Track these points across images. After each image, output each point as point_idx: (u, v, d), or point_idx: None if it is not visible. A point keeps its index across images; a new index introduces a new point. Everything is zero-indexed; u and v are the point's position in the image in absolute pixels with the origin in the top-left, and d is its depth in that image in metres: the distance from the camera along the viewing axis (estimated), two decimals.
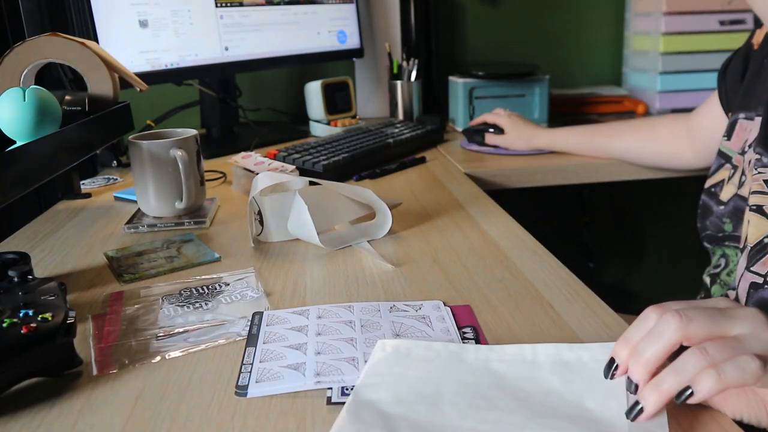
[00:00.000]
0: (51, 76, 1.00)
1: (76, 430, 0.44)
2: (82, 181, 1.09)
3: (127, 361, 0.52)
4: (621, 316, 0.58)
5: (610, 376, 0.43)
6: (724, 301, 0.43)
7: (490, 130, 1.28)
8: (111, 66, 0.87)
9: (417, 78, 1.47)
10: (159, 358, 0.53)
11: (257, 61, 1.34)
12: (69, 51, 0.84)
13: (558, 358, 0.48)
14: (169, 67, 1.19)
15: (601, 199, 1.77)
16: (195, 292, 0.64)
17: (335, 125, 1.37)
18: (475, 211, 0.88)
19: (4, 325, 0.47)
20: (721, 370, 0.38)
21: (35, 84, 0.82)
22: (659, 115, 1.39)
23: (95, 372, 0.51)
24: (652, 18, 1.52)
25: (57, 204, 1.00)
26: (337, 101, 1.41)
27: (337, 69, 1.60)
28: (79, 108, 0.82)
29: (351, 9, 1.51)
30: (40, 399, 0.47)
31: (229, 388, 0.48)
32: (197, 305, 0.62)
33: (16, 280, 0.57)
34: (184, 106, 1.36)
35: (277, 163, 1.02)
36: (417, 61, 1.47)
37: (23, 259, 0.63)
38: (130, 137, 0.86)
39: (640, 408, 0.40)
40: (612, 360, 0.43)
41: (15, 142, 0.71)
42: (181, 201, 0.85)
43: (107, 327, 0.58)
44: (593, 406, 0.43)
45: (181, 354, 0.53)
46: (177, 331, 0.57)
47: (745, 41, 0.86)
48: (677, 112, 1.14)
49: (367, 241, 0.77)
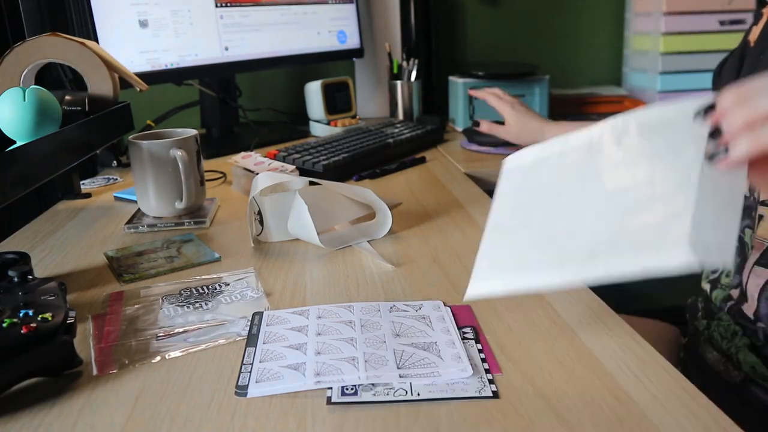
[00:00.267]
0: (51, 76, 1.00)
1: (76, 430, 0.44)
2: (82, 181, 1.09)
3: (127, 361, 0.52)
4: (621, 316, 0.58)
5: (702, 117, 0.40)
6: None
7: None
8: (111, 66, 0.87)
9: (417, 78, 1.47)
10: (159, 358, 0.53)
11: (257, 61, 1.34)
12: (69, 51, 0.84)
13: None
14: (169, 67, 1.19)
15: None
16: (195, 292, 0.64)
17: (335, 125, 1.37)
18: (475, 211, 0.88)
19: (4, 325, 0.47)
20: None
21: (35, 84, 0.82)
22: None
23: (95, 372, 0.51)
24: (652, 18, 1.52)
25: (57, 204, 1.00)
26: (337, 101, 1.41)
27: (337, 69, 1.60)
28: (79, 108, 0.82)
29: (351, 9, 1.51)
30: (40, 399, 0.47)
31: (229, 388, 0.48)
32: (197, 305, 0.62)
33: (16, 280, 0.57)
34: (184, 106, 1.36)
35: (277, 163, 1.02)
36: (417, 61, 1.47)
37: (23, 259, 0.63)
38: (130, 137, 0.86)
39: (725, 152, 0.38)
40: (711, 105, 0.40)
41: (15, 142, 0.71)
42: (181, 201, 0.85)
43: (107, 327, 0.58)
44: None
45: (181, 354, 0.53)
46: (177, 331, 0.57)
47: (741, 40, 0.85)
48: None
49: (367, 241, 0.77)
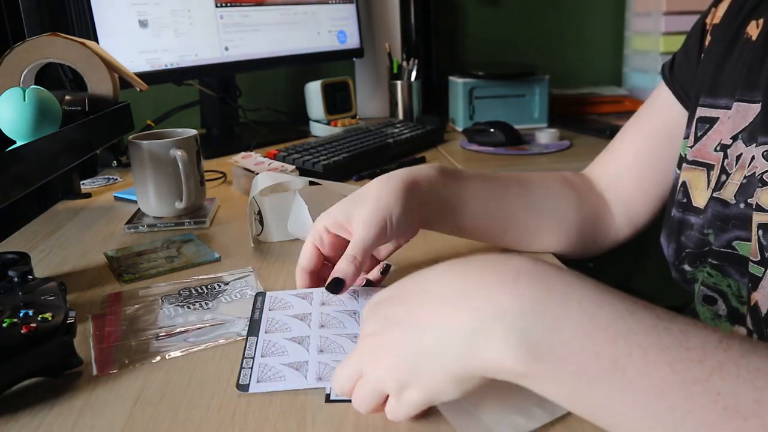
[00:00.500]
0: (51, 76, 1.00)
1: (75, 430, 0.44)
2: (82, 181, 1.09)
3: (127, 361, 0.52)
4: None
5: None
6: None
7: (491, 130, 1.28)
8: (111, 66, 0.87)
9: (417, 78, 1.47)
10: (159, 358, 0.52)
11: (257, 61, 1.34)
12: (69, 51, 0.84)
13: None
14: (169, 67, 1.19)
15: None
16: (195, 292, 0.64)
17: (335, 125, 1.37)
18: None
19: (4, 325, 0.47)
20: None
21: (35, 84, 0.82)
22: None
23: (95, 372, 0.51)
24: (652, 18, 1.52)
25: (57, 204, 1.00)
26: (337, 101, 1.41)
27: (337, 69, 1.60)
28: (79, 108, 0.82)
29: (351, 9, 1.51)
30: (40, 399, 0.47)
31: (229, 388, 0.48)
32: (197, 305, 0.62)
33: (16, 280, 0.57)
34: (184, 106, 1.36)
35: (277, 163, 1.02)
36: (417, 61, 1.47)
37: (23, 259, 0.63)
38: (130, 137, 0.86)
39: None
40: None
41: (15, 142, 0.71)
42: (181, 201, 0.85)
43: (107, 327, 0.58)
44: None
45: (181, 354, 0.53)
46: (177, 331, 0.57)
47: (694, 25, 0.73)
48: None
49: None
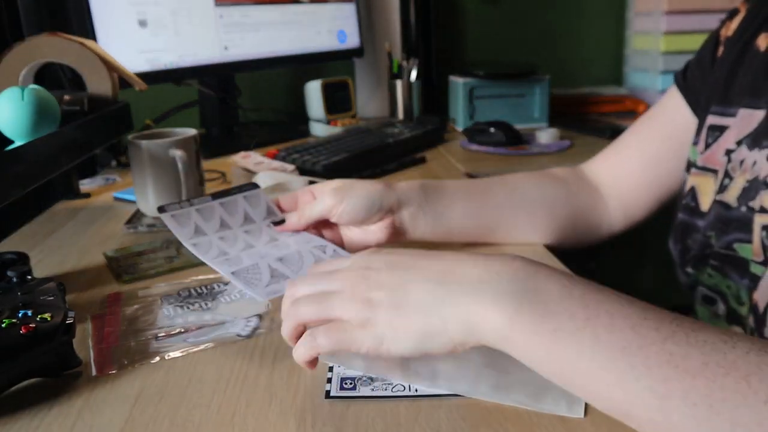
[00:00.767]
0: (50, 76, 1.00)
1: (75, 431, 0.44)
2: (81, 181, 1.08)
3: (126, 362, 0.52)
4: None
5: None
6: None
7: (491, 130, 1.28)
8: (110, 66, 0.86)
9: (417, 78, 1.47)
10: (158, 359, 0.52)
11: (257, 61, 1.34)
12: (68, 50, 0.83)
13: None
14: (169, 66, 1.19)
15: None
16: (194, 293, 0.64)
17: (335, 125, 1.37)
18: None
19: (3, 325, 0.47)
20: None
21: (34, 83, 0.82)
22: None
23: (94, 372, 0.51)
24: (653, 17, 1.52)
25: (56, 204, 0.99)
26: (337, 101, 1.41)
27: (337, 69, 1.60)
28: (78, 108, 0.82)
29: (351, 8, 1.51)
30: (39, 399, 0.47)
31: (229, 388, 0.48)
32: (196, 305, 0.61)
33: (15, 280, 0.57)
34: (183, 106, 1.36)
35: (277, 163, 1.02)
36: (417, 60, 1.47)
37: (22, 259, 0.63)
38: (130, 137, 0.85)
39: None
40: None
41: (13, 142, 0.71)
42: None
43: (107, 328, 0.58)
44: None
45: (180, 354, 0.53)
46: (176, 331, 0.57)
47: (708, 36, 0.76)
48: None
49: None
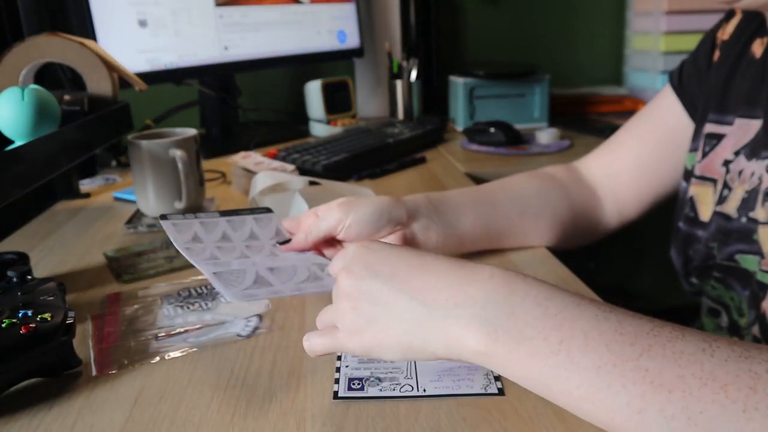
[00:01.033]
0: (50, 76, 1.00)
1: (75, 431, 0.44)
2: (81, 181, 1.08)
3: (126, 362, 0.52)
4: None
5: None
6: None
7: (491, 130, 1.28)
8: (110, 65, 0.86)
9: (417, 78, 1.47)
10: (158, 359, 0.52)
11: (257, 61, 1.34)
12: (68, 50, 0.83)
13: None
14: (169, 66, 1.19)
15: None
16: (194, 293, 0.64)
17: (335, 125, 1.37)
18: None
19: (3, 325, 0.47)
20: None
21: (34, 83, 0.82)
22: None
23: (94, 372, 0.51)
24: (653, 17, 1.52)
25: (56, 204, 0.99)
26: (337, 101, 1.41)
27: (337, 69, 1.60)
28: (78, 108, 0.82)
29: (351, 8, 1.51)
30: (39, 399, 0.47)
31: (229, 388, 0.48)
32: (196, 305, 0.61)
33: (15, 280, 0.57)
34: (183, 106, 1.36)
35: (277, 163, 1.02)
36: (417, 60, 1.47)
37: (22, 259, 0.63)
38: (130, 137, 0.85)
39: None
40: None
41: (13, 142, 0.71)
42: (181, 201, 0.85)
43: (107, 328, 0.58)
44: None
45: (180, 354, 0.53)
46: (176, 331, 0.57)
47: (703, 37, 0.76)
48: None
49: None
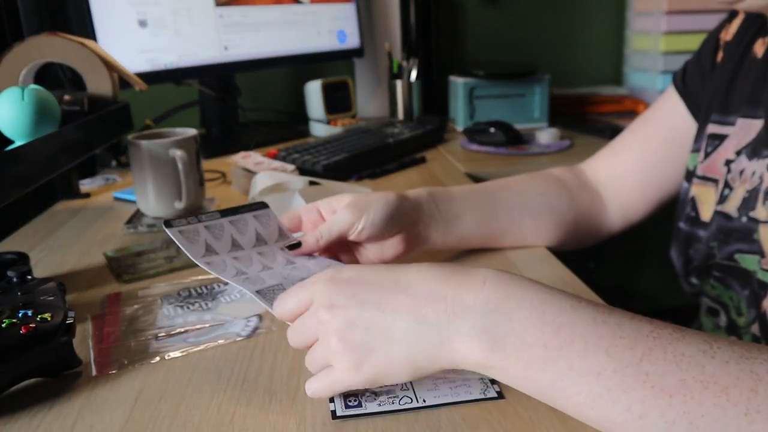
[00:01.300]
0: (50, 76, 1.00)
1: (75, 431, 0.44)
2: (81, 181, 1.08)
3: (126, 362, 0.52)
4: None
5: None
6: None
7: (491, 130, 1.28)
8: (110, 65, 0.86)
9: (417, 78, 1.47)
10: (158, 359, 0.52)
11: (257, 61, 1.34)
12: (68, 50, 0.83)
13: None
14: (169, 66, 1.19)
15: None
16: (194, 293, 0.64)
17: (335, 125, 1.37)
18: None
19: (3, 325, 0.47)
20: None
21: (34, 83, 0.82)
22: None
23: (94, 372, 0.51)
24: (653, 17, 1.52)
25: (56, 204, 0.99)
26: (337, 101, 1.41)
27: (337, 69, 1.60)
28: (78, 108, 0.82)
29: (351, 8, 1.51)
30: (39, 399, 0.47)
31: (229, 389, 0.48)
32: (197, 305, 0.61)
33: (14, 280, 0.57)
34: (183, 106, 1.36)
35: (277, 163, 1.02)
36: (417, 60, 1.47)
37: (22, 259, 0.63)
38: (130, 137, 0.85)
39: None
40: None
41: (13, 142, 0.71)
42: (181, 201, 0.85)
43: (107, 328, 0.58)
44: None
45: (180, 354, 0.53)
46: (176, 331, 0.57)
47: (707, 38, 0.76)
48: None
49: None
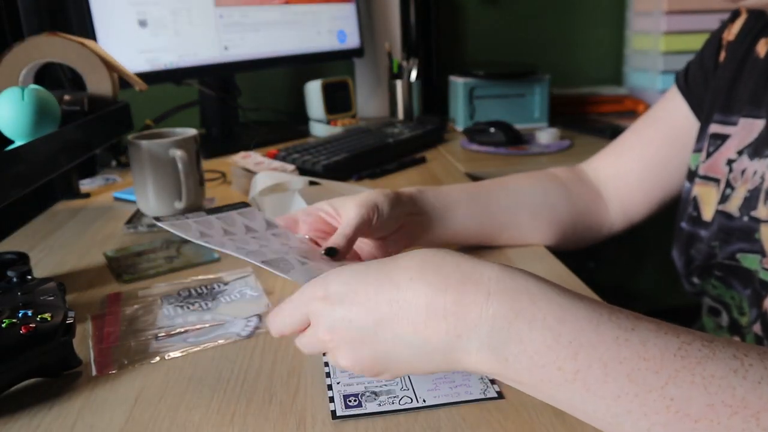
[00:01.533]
0: (50, 76, 1.00)
1: (75, 431, 0.44)
2: (81, 181, 1.08)
3: (126, 362, 0.52)
4: None
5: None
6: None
7: (491, 130, 1.28)
8: (110, 65, 0.86)
9: (417, 78, 1.47)
10: (158, 359, 0.52)
11: (257, 61, 1.34)
12: (68, 50, 0.83)
13: None
14: (169, 66, 1.19)
15: None
16: (194, 293, 0.64)
17: (335, 125, 1.37)
18: None
19: (3, 325, 0.47)
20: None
21: (34, 83, 0.82)
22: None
23: (94, 372, 0.51)
24: (653, 17, 1.52)
25: (56, 204, 0.99)
26: (337, 101, 1.41)
27: (337, 69, 1.60)
28: (78, 108, 0.82)
29: (351, 8, 1.51)
30: (39, 399, 0.47)
31: (229, 388, 0.48)
32: (197, 305, 0.61)
33: (15, 280, 0.57)
34: (183, 106, 1.36)
35: (277, 163, 1.02)
36: (417, 60, 1.47)
37: (22, 259, 0.63)
38: (130, 137, 0.85)
39: None
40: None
41: (13, 142, 0.71)
42: (181, 201, 0.85)
43: (107, 328, 0.58)
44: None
45: (180, 354, 0.53)
46: (176, 331, 0.57)
47: (709, 38, 0.76)
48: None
49: None
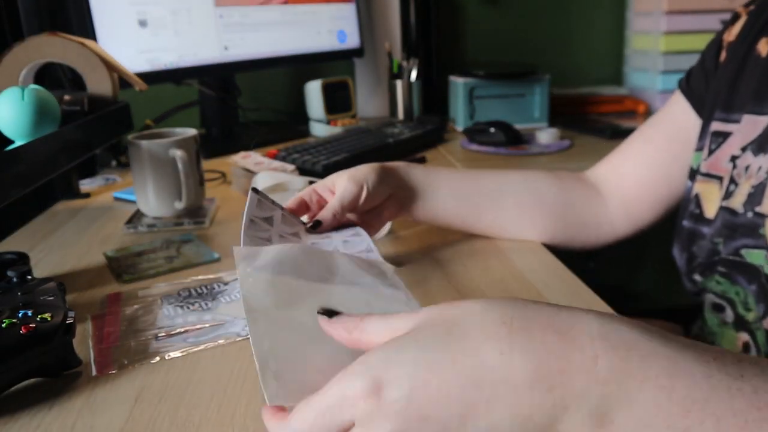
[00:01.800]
0: (50, 76, 1.00)
1: (75, 431, 0.44)
2: (81, 181, 1.08)
3: (126, 362, 0.52)
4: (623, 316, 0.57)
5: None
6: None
7: (491, 130, 1.28)
8: (110, 65, 0.86)
9: (417, 78, 1.47)
10: (158, 359, 0.52)
11: (257, 61, 1.34)
12: (68, 50, 0.83)
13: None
14: (169, 66, 1.19)
15: None
16: (194, 293, 0.64)
17: (335, 125, 1.37)
18: None
19: (3, 325, 0.47)
20: None
21: (34, 83, 0.82)
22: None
23: (94, 372, 0.51)
24: (653, 17, 1.52)
25: (56, 204, 0.99)
26: (337, 101, 1.41)
27: (337, 69, 1.60)
28: (78, 108, 0.82)
29: (351, 8, 1.51)
30: (39, 399, 0.47)
31: (229, 388, 0.48)
32: (197, 305, 0.61)
33: (14, 280, 0.57)
34: (183, 106, 1.36)
35: (277, 163, 1.02)
36: (417, 60, 1.47)
37: (22, 259, 0.63)
38: (130, 137, 0.85)
39: None
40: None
41: (13, 142, 0.71)
42: (181, 201, 0.85)
43: (107, 328, 0.58)
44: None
45: (180, 354, 0.53)
46: (177, 331, 0.57)
47: (711, 41, 0.77)
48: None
49: None
